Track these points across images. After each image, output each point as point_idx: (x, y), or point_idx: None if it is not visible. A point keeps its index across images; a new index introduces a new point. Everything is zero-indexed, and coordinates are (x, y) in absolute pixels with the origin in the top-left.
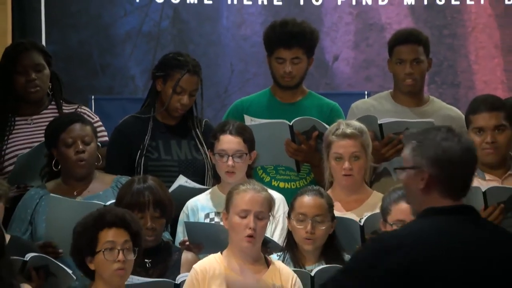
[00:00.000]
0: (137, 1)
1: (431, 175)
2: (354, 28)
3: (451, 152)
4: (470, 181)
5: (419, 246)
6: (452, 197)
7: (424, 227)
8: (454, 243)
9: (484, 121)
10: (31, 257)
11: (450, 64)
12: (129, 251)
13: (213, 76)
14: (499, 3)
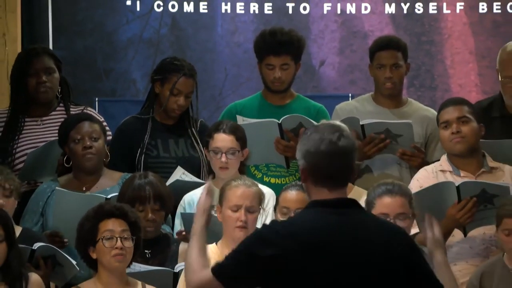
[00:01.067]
0: (138, 10)
1: (303, 167)
2: (339, 35)
3: (315, 146)
4: (340, 174)
5: (290, 237)
6: (325, 188)
7: (301, 218)
8: (319, 235)
9: (448, 115)
10: (38, 246)
11: (428, 69)
12: (127, 239)
13: (209, 80)
14: (474, 12)
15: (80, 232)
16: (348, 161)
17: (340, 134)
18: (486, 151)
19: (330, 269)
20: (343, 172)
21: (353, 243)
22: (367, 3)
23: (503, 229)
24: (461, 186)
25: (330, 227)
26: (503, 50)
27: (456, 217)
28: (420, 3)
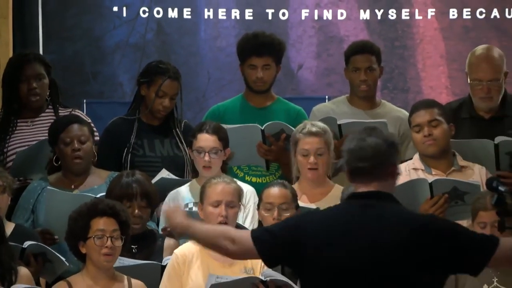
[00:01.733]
0: (125, 16)
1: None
2: (316, 40)
3: (346, 145)
4: (365, 170)
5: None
6: (359, 182)
7: (332, 209)
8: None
9: (420, 118)
10: (29, 244)
11: (401, 72)
12: (116, 239)
13: (192, 83)
14: (444, 17)
15: (72, 226)
16: (378, 157)
17: (371, 133)
18: (456, 150)
19: (342, 257)
20: (370, 166)
21: (372, 233)
22: (343, 10)
23: (478, 222)
24: (433, 183)
25: (351, 217)
26: (472, 54)
27: (428, 212)
28: (393, 9)
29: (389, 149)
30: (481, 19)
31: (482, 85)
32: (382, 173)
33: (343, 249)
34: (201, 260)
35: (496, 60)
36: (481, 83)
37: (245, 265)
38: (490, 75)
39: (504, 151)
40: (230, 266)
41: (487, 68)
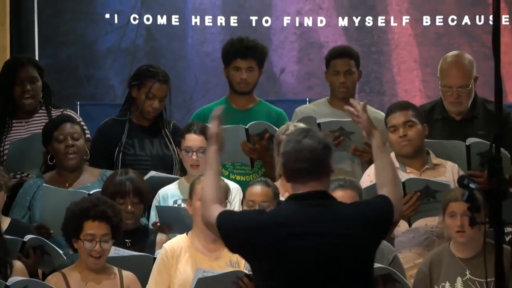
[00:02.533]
0: (116, 23)
1: (282, 169)
2: (297, 46)
3: (287, 147)
4: (308, 171)
5: (267, 229)
6: (298, 182)
7: (282, 210)
8: (288, 224)
9: (395, 119)
10: (29, 238)
11: (377, 76)
12: (106, 242)
13: (180, 86)
14: (418, 24)
15: (67, 223)
16: (315, 157)
17: (306, 135)
18: (430, 150)
19: (304, 257)
20: (311, 167)
21: (323, 229)
22: (323, 17)
23: (448, 213)
24: (406, 182)
25: (293, 216)
26: (443, 60)
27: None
28: (370, 16)
29: (324, 151)
30: (453, 25)
31: (452, 91)
32: (318, 173)
33: (299, 246)
34: (189, 254)
35: (466, 67)
36: (451, 90)
37: (230, 259)
38: (459, 81)
39: (475, 152)
40: (216, 259)
41: (457, 75)
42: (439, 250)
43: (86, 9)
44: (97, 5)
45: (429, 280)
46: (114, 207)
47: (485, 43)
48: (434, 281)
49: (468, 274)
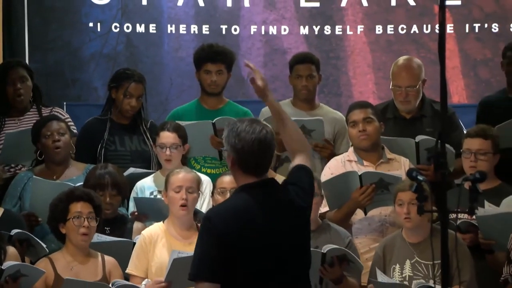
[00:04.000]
0: (99, 31)
1: (233, 158)
2: (263, 52)
3: (244, 141)
4: (265, 162)
5: (228, 218)
6: (253, 174)
7: (232, 201)
8: (250, 212)
9: (356, 116)
10: (15, 232)
11: (335, 79)
12: (92, 220)
13: (157, 88)
14: (371, 33)
15: (53, 211)
16: (271, 152)
17: (265, 131)
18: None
19: (259, 237)
20: (267, 161)
21: (277, 214)
22: (286, 26)
23: (397, 201)
24: (363, 175)
25: (260, 204)
26: (395, 64)
27: (358, 199)
28: (328, 26)
29: (272, 145)
30: (403, 34)
31: (401, 91)
32: (268, 165)
33: (259, 230)
34: (165, 239)
35: (414, 70)
36: (400, 89)
37: None
38: (407, 82)
39: (423, 147)
40: (190, 244)
41: (406, 76)
42: (393, 236)
43: (71, 18)
44: (81, 15)
45: (383, 262)
46: (94, 192)
47: (431, 50)
48: (387, 263)
49: (416, 257)
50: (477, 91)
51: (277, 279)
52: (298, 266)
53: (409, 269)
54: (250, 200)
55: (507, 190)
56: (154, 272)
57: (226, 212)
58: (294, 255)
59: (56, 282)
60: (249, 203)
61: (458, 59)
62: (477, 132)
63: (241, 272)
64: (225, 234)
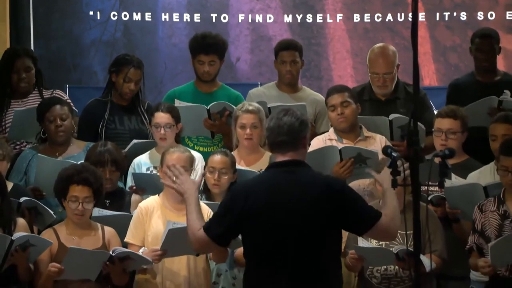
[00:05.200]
0: (98, 19)
1: (267, 140)
2: (250, 39)
3: (269, 124)
4: (286, 143)
5: (255, 190)
6: (279, 153)
7: (261, 177)
8: (272, 186)
9: (334, 100)
10: (24, 200)
11: (316, 64)
12: (88, 203)
13: (152, 72)
14: (350, 21)
15: (57, 186)
16: (292, 132)
17: (285, 113)
18: (362, 124)
19: (275, 215)
20: (289, 141)
21: (295, 193)
22: (271, 14)
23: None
24: (342, 150)
25: (279, 182)
26: (371, 51)
27: (339, 172)
28: (310, 14)
29: (300, 126)
30: (378, 22)
31: (378, 77)
32: (296, 145)
33: (274, 207)
34: (160, 211)
35: (390, 57)
36: (377, 75)
37: None
38: (384, 69)
39: (396, 125)
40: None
41: (382, 63)
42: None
43: (73, 8)
44: (82, 5)
45: None
46: (95, 173)
47: (405, 37)
48: None
49: None
50: (446, 75)
51: (278, 255)
52: (303, 249)
53: None
54: (270, 177)
55: (473, 164)
56: (150, 241)
57: (251, 185)
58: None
59: (60, 251)
60: (268, 179)
61: (429, 45)
62: (447, 112)
63: (253, 242)
64: (242, 206)
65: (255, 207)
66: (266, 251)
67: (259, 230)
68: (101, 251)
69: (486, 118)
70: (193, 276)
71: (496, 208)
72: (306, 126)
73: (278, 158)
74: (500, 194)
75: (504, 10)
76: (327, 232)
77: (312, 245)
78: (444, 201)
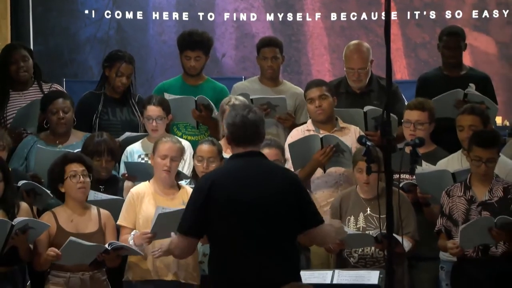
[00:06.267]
0: (93, 17)
1: (227, 133)
2: (235, 36)
3: (234, 120)
4: (250, 137)
5: (218, 179)
6: (241, 146)
7: (224, 166)
8: (236, 175)
9: (312, 94)
10: (22, 183)
11: (296, 59)
12: (86, 176)
13: (143, 67)
14: (327, 19)
15: (51, 174)
16: (256, 128)
17: (249, 111)
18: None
19: (239, 201)
20: (252, 136)
21: (254, 180)
22: (254, 13)
23: (357, 168)
24: (323, 138)
25: (240, 169)
26: (347, 48)
27: (319, 159)
28: (290, 13)
29: (262, 124)
30: (354, 20)
31: (353, 72)
32: (257, 140)
33: (237, 194)
34: (151, 196)
35: (364, 53)
36: (353, 70)
37: (183, 199)
38: (359, 64)
39: (370, 116)
40: (172, 200)
41: (357, 59)
42: (348, 191)
43: (69, 7)
44: (78, 4)
45: (339, 213)
46: (84, 155)
47: (378, 34)
48: (343, 214)
49: (368, 211)
50: (417, 69)
51: (247, 238)
52: (270, 231)
53: (362, 221)
54: (235, 166)
55: (441, 153)
56: (141, 224)
57: (214, 174)
58: (265, 219)
59: (59, 232)
60: (234, 168)
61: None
62: (415, 105)
63: (218, 227)
64: (209, 192)
65: (218, 195)
66: (231, 237)
67: (223, 216)
68: (98, 245)
69: (452, 109)
70: None
71: (463, 193)
72: (263, 122)
73: (237, 151)
74: (466, 180)
75: (470, 9)
76: (288, 217)
77: (274, 229)
78: (415, 187)
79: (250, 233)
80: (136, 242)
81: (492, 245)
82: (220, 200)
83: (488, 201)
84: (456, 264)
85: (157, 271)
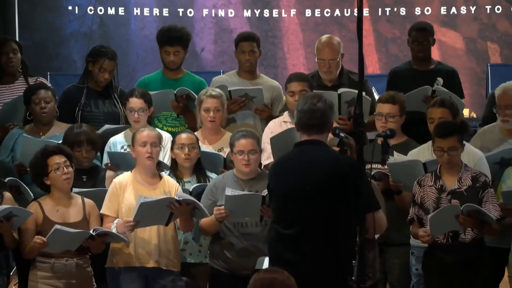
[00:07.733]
0: (77, 13)
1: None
2: (214, 31)
3: (302, 107)
4: (315, 125)
5: (278, 166)
6: (306, 133)
7: (286, 154)
8: (294, 163)
9: (294, 87)
10: (9, 179)
11: (272, 54)
12: (68, 167)
13: (125, 61)
14: (302, 16)
15: (34, 168)
16: (322, 117)
17: (318, 99)
18: None
19: (290, 183)
20: (317, 124)
21: (301, 168)
22: (232, 9)
23: None
24: None
25: (296, 155)
26: (319, 41)
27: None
28: (267, 9)
29: (330, 113)
30: (327, 16)
31: (324, 63)
32: (323, 129)
33: (293, 178)
34: (133, 186)
35: (335, 46)
36: (323, 61)
37: (164, 189)
38: (329, 56)
39: (344, 100)
40: (154, 189)
41: (328, 51)
42: None
43: (54, 3)
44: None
45: None
46: (63, 146)
47: (351, 30)
48: None
49: None
50: (387, 64)
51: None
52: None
53: None
54: (291, 153)
55: (411, 144)
56: (124, 212)
57: (276, 161)
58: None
59: (45, 222)
60: (289, 156)
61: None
62: (387, 98)
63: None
64: (271, 178)
65: (281, 184)
66: (290, 221)
67: (284, 200)
68: (83, 231)
69: (421, 104)
70: (163, 243)
71: (433, 183)
72: (333, 113)
73: (303, 138)
74: (436, 170)
75: (439, 5)
76: (343, 203)
77: (330, 215)
78: (385, 176)
79: (302, 220)
80: (119, 230)
81: (461, 232)
82: (274, 185)
83: (457, 189)
84: (427, 249)
85: (139, 258)
